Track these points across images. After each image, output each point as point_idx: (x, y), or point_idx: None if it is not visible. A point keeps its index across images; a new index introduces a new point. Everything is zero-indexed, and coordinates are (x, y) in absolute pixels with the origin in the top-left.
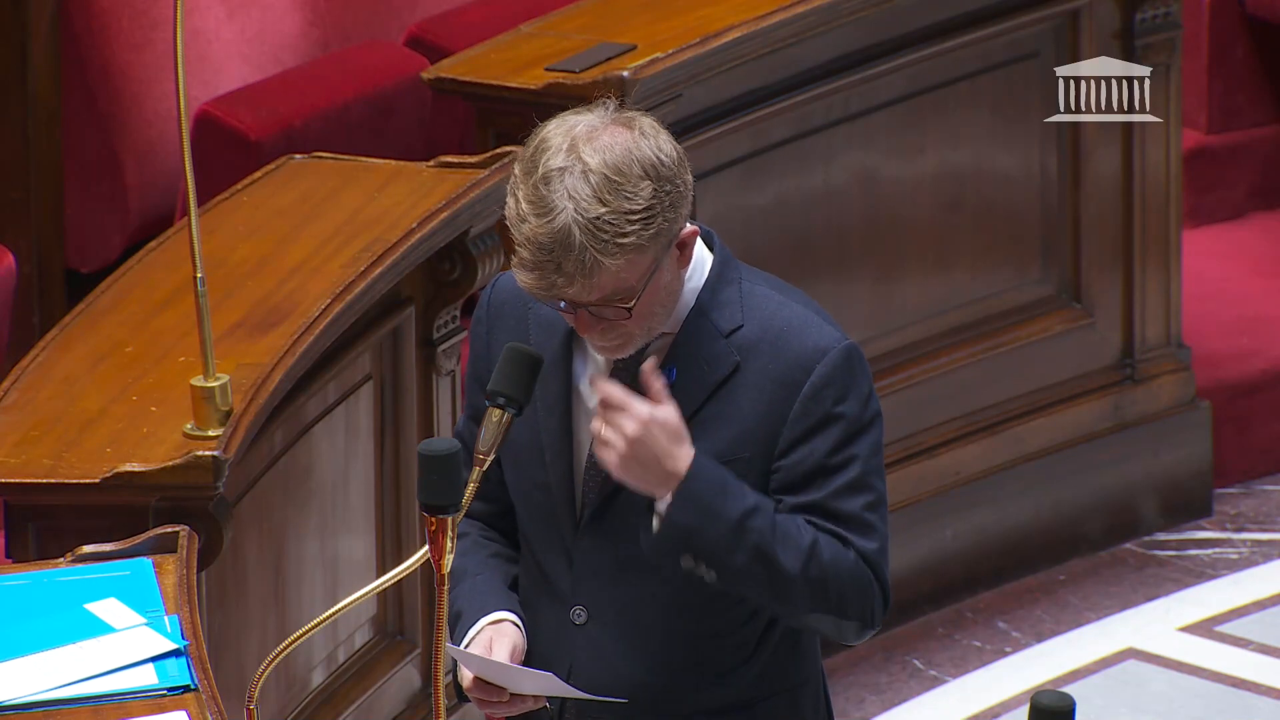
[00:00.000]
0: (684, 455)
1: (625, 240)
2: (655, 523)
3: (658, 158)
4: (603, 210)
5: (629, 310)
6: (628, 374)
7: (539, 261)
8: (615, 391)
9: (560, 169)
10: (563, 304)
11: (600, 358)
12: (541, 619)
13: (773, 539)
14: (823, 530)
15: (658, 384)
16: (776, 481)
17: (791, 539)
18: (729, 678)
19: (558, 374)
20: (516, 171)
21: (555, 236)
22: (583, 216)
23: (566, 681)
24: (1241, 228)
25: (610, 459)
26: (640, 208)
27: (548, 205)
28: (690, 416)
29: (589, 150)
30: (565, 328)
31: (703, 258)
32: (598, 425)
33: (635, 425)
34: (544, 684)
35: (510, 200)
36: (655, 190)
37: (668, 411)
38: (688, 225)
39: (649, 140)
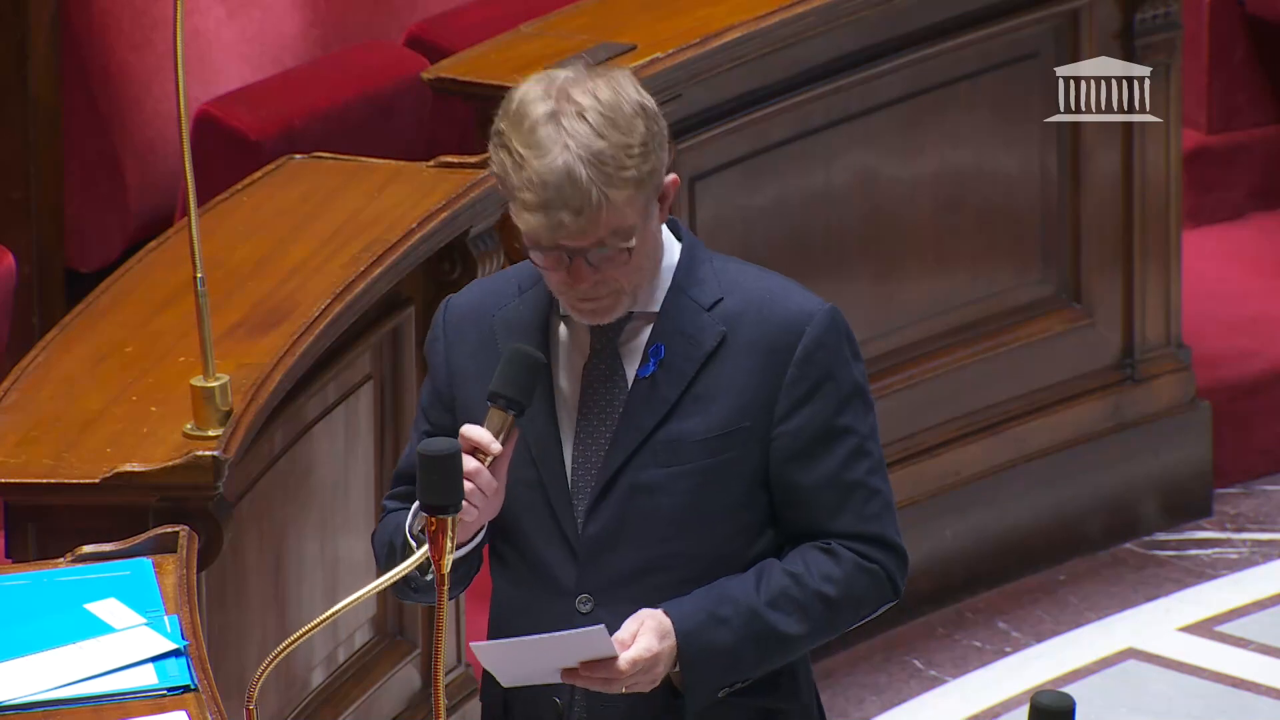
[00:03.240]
0: (668, 650)
1: (627, 174)
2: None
3: (642, 100)
4: (603, 145)
5: (629, 251)
6: (603, 367)
7: (545, 201)
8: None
9: (552, 113)
10: (557, 252)
11: (575, 359)
12: (541, 617)
13: (774, 624)
14: (808, 550)
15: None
16: (779, 449)
17: (786, 601)
18: None
19: None
20: (501, 128)
21: (559, 173)
22: (585, 152)
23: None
24: (1241, 228)
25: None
26: (638, 142)
27: (547, 146)
28: (683, 393)
29: (578, 92)
30: (536, 327)
31: (670, 239)
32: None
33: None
34: (596, 642)
35: (500, 155)
36: (647, 127)
37: (636, 649)
38: (669, 175)
39: (629, 85)
